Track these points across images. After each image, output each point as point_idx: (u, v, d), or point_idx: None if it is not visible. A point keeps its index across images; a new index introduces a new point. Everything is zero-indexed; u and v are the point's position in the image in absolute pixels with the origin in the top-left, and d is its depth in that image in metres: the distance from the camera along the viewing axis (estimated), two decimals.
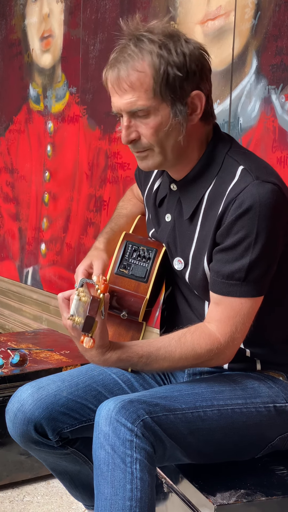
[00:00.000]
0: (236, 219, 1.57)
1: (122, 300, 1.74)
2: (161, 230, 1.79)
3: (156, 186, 1.82)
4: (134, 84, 1.55)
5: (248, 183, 1.57)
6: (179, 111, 1.58)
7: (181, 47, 1.55)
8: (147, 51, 1.54)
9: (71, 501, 2.54)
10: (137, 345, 1.62)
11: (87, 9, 3.66)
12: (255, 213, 1.56)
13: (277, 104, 2.58)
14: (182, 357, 1.62)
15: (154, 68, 1.54)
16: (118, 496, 1.51)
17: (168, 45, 1.54)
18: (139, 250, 1.78)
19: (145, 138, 1.61)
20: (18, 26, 4.33)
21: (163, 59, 1.54)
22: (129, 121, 1.60)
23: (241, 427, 1.68)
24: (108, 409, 1.54)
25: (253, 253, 1.57)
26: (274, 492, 1.66)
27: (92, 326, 1.45)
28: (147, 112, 1.58)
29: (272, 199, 1.56)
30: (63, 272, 4.01)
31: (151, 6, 3.18)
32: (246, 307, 1.61)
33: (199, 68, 1.58)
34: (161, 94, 1.56)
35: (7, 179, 4.57)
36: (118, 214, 1.99)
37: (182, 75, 1.55)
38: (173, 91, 1.56)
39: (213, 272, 1.63)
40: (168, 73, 1.54)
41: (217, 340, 1.62)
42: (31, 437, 1.76)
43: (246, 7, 2.68)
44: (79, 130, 3.79)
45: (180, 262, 1.73)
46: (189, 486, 1.68)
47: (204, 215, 1.66)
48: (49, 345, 2.90)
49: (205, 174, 1.67)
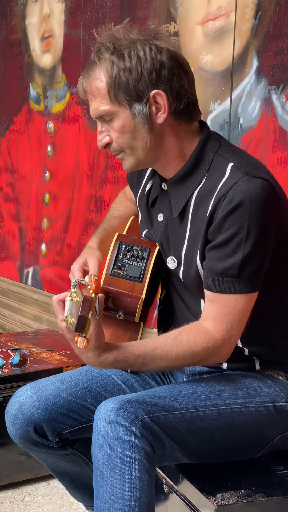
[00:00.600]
0: (227, 216, 1.57)
1: (118, 301, 1.74)
2: (154, 230, 1.79)
3: (148, 187, 1.83)
4: (93, 91, 1.64)
5: (238, 179, 1.58)
6: (138, 112, 1.62)
7: (136, 50, 1.60)
8: (103, 59, 1.62)
9: (71, 502, 2.54)
10: (134, 345, 1.62)
11: (88, 9, 3.66)
12: (245, 209, 1.56)
13: (277, 105, 2.58)
14: (179, 356, 1.62)
15: (108, 74, 1.61)
16: (117, 496, 1.51)
17: (121, 50, 1.61)
18: (132, 250, 1.78)
19: (114, 141, 1.67)
20: (19, 26, 4.33)
21: (114, 65, 1.61)
22: (101, 126, 1.68)
23: (240, 427, 1.68)
24: (107, 409, 1.54)
25: (245, 249, 1.58)
26: (275, 492, 1.65)
27: (85, 325, 1.46)
28: (110, 117, 1.65)
29: (262, 194, 1.57)
30: (63, 272, 4.01)
31: (151, 7, 3.18)
32: (241, 304, 1.61)
33: (156, 68, 1.60)
34: (116, 97, 1.62)
35: (8, 179, 4.57)
36: (111, 215, 1.99)
37: (135, 77, 1.60)
38: (128, 93, 1.61)
39: (206, 269, 1.63)
40: (120, 77, 1.60)
41: (213, 338, 1.62)
42: (30, 438, 1.76)
43: (246, 7, 2.68)
44: (79, 130, 3.79)
45: (173, 261, 1.73)
46: (189, 487, 1.68)
47: (194, 212, 1.67)
48: (50, 346, 2.90)
49: (194, 172, 1.68)
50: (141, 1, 3.26)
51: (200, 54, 2.89)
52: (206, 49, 2.85)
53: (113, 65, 1.60)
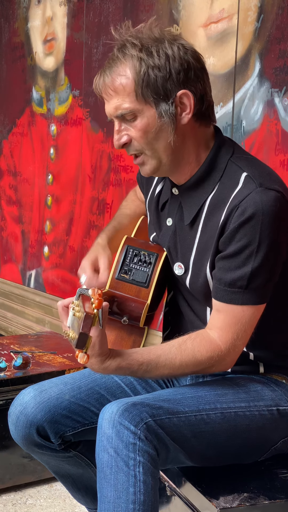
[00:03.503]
0: (239, 227, 1.57)
1: (123, 305, 1.73)
2: (162, 235, 1.79)
3: (158, 189, 1.82)
4: (117, 88, 1.59)
5: (251, 190, 1.57)
6: (164, 111, 1.60)
7: (164, 49, 1.58)
8: (129, 56, 1.58)
9: (74, 504, 2.54)
10: (137, 352, 1.62)
11: (90, 12, 3.67)
12: (257, 221, 1.55)
13: (280, 107, 2.58)
14: (183, 364, 1.61)
15: (135, 71, 1.57)
16: (121, 499, 1.50)
17: (149, 48, 1.57)
18: (140, 254, 1.77)
19: (135, 140, 1.63)
20: (21, 29, 4.34)
21: (143, 62, 1.57)
22: (120, 125, 1.64)
23: (244, 430, 1.67)
24: (111, 412, 1.54)
25: (255, 261, 1.57)
26: (277, 495, 1.65)
27: (86, 342, 1.45)
28: (134, 115, 1.61)
29: (275, 206, 1.56)
30: (66, 275, 4.01)
31: (154, 9, 3.18)
32: (248, 315, 1.61)
33: (184, 68, 1.59)
34: (143, 95, 1.58)
35: (10, 182, 4.58)
36: (121, 214, 1.99)
37: (164, 75, 1.57)
38: (156, 92, 1.58)
39: (215, 279, 1.63)
40: (149, 75, 1.57)
41: (218, 347, 1.62)
42: (33, 440, 1.76)
43: (249, 10, 2.68)
44: (82, 133, 3.80)
45: (180, 268, 1.73)
46: (192, 490, 1.68)
47: (205, 221, 1.66)
48: (52, 348, 2.90)
49: (207, 179, 1.67)
50: (143, 4, 3.26)
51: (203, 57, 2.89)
52: (209, 52, 2.85)
53: (142, 62, 1.57)
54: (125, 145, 1.64)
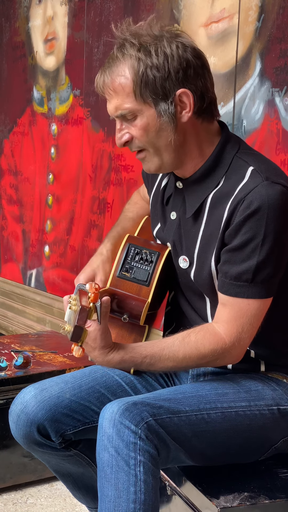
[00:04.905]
0: (244, 220, 1.57)
1: (123, 303, 1.73)
2: (167, 228, 1.79)
3: (164, 183, 1.82)
4: (116, 88, 1.60)
5: (258, 184, 1.57)
6: (163, 111, 1.60)
7: (163, 48, 1.57)
8: (127, 56, 1.58)
9: (75, 504, 2.54)
10: (141, 345, 1.63)
11: (91, 11, 3.67)
12: (263, 215, 1.56)
13: (280, 107, 2.58)
14: (186, 356, 1.62)
15: (134, 71, 1.58)
16: (122, 498, 1.50)
17: (148, 47, 1.57)
18: (141, 253, 1.77)
19: (137, 139, 1.64)
20: (22, 28, 4.34)
21: (141, 62, 1.57)
22: (121, 124, 1.65)
23: (244, 430, 1.68)
24: (112, 411, 1.54)
25: (260, 255, 1.57)
26: (278, 495, 1.65)
27: (81, 336, 1.46)
28: (134, 115, 1.61)
29: (281, 200, 1.56)
30: (66, 274, 4.01)
31: (154, 9, 3.18)
32: (254, 308, 1.61)
33: (183, 67, 1.59)
34: (142, 96, 1.59)
35: (11, 181, 4.58)
36: (125, 217, 1.99)
37: (163, 75, 1.57)
38: (155, 92, 1.59)
39: (221, 272, 1.63)
40: (147, 75, 1.57)
41: (222, 340, 1.62)
42: (34, 439, 1.76)
43: (250, 9, 2.68)
44: (82, 132, 3.80)
45: (185, 261, 1.73)
46: (193, 489, 1.68)
47: (209, 214, 1.66)
48: (53, 347, 2.90)
49: (212, 174, 1.67)
50: (144, 3, 3.26)
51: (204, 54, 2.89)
52: (210, 52, 2.85)
53: (140, 62, 1.57)
54: (126, 143, 1.65)
